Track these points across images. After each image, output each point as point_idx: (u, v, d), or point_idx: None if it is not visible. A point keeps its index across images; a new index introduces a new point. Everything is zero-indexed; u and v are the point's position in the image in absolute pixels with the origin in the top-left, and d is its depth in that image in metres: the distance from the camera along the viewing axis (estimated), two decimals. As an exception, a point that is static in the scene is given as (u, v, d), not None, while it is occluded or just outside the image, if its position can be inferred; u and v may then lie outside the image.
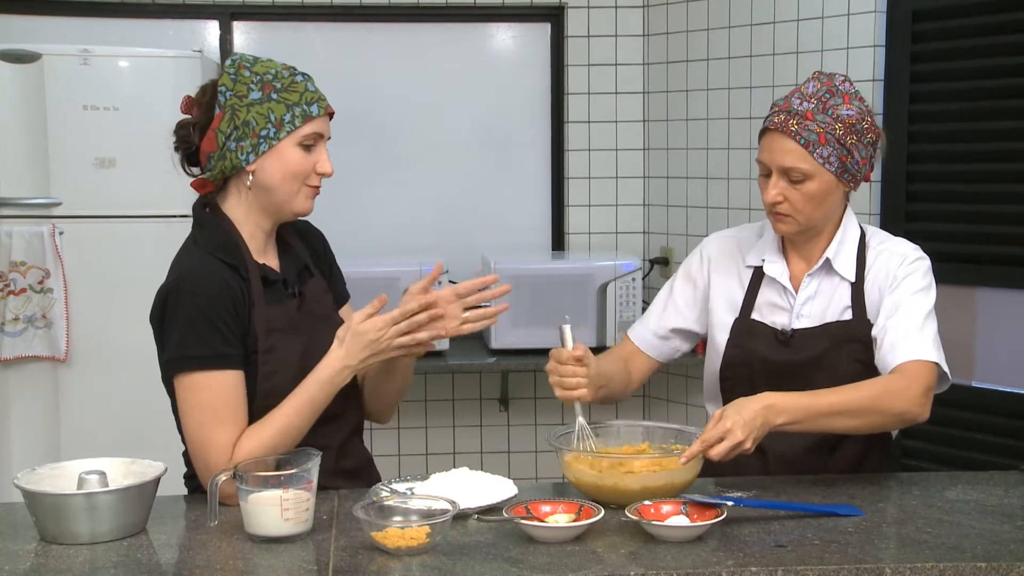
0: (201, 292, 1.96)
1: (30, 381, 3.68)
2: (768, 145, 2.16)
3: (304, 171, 2.04)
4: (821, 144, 2.10)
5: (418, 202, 4.50)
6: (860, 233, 2.26)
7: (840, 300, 2.21)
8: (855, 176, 2.17)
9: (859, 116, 2.13)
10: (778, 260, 2.26)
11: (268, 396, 2.01)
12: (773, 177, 2.15)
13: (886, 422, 2.07)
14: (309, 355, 2.04)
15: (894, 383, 2.04)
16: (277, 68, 2.06)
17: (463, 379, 4.43)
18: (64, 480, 1.87)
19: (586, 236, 4.49)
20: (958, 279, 3.46)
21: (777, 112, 2.15)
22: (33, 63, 3.61)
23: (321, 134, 2.06)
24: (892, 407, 2.02)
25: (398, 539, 1.71)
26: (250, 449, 1.95)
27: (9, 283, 3.62)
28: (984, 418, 3.42)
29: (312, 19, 4.41)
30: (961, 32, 3.43)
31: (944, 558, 1.69)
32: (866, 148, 2.15)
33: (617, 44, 4.41)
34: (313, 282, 2.17)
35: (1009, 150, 3.33)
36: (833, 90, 2.14)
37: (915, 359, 2.07)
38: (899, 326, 2.11)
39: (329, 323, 2.12)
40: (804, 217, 2.16)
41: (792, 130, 2.10)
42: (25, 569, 1.71)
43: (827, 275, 2.23)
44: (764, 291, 2.27)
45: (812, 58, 3.76)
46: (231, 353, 1.97)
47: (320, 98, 2.06)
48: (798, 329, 2.21)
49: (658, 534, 1.78)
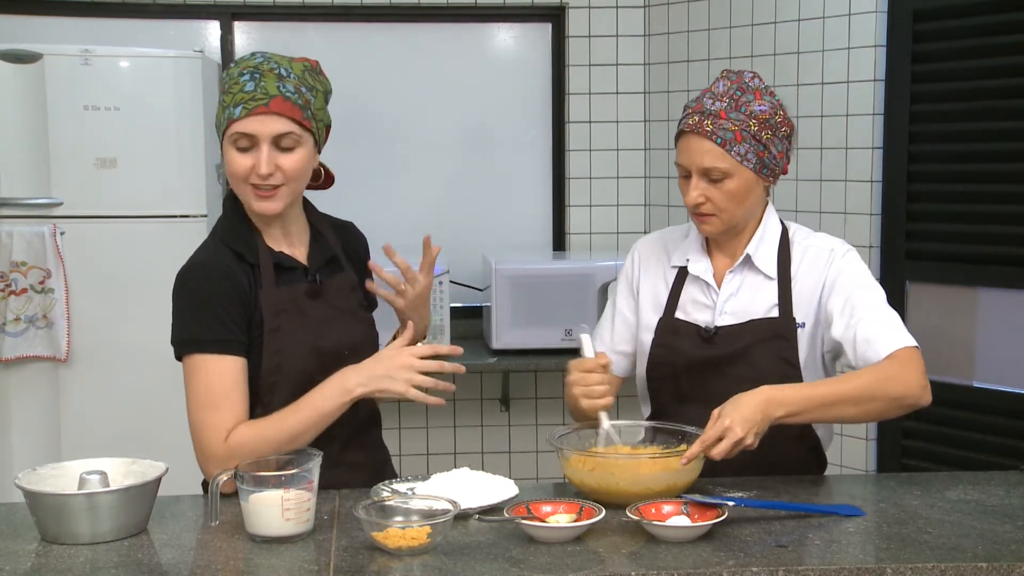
0: (205, 279, 2.02)
1: (31, 381, 3.69)
2: (685, 147, 2.16)
3: (239, 172, 2.03)
4: (737, 142, 2.10)
5: (419, 202, 4.50)
6: (782, 229, 2.26)
7: (765, 297, 2.20)
8: (773, 171, 2.17)
9: (772, 111, 2.13)
10: (702, 258, 2.26)
11: (272, 374, 2.04)
12: (693, 179, 2.15)
13: (887, 408, 2.05)
14: (318, 339, 2.07)
15: (889, 369, 2.03)
16: (237, 68, 2.04)
17: (464, 379, 4.35)
18: (65, 480, 1.87)
19: (587, 236, 4.49)
20: (959, 279, 3.47)
21: (691, 114, 2.15)
22: (34, 63, 3.61)
23: (250, 134, 2.00)
24: (891, 392, 2.01)
25: (399, 539, 1.71)
26: (245, 436, 1.97)
27: (10, 283, 3.62)
28: (985, 418, 3.42)
29: (313, 19, 4.41)
30: (962, 32, 3.43)
31: (945, 558, 1.69)
32: (781, 142, 2.16)
33: (618, 44, 4.41)
34: (341, 276, 2.18)
35: (1010, 150, 3.33)
36: (744, 87, 2.15)
37: (899, 347, 2.06)
38: (867, 320, 2.09)
39: (350, 317, 2.14)
40: (727, 215, 2.16)
41: (708, 130, 2.11)
42: (26, 569, 1.71)
43: (750, 271, 2.22)
44: (688, 289, 2.27)
45: (813, 58, 3.76)
46: (230, 339, 2.00)
47: (251, 98, 1.99)
48: (721, 326, 2.20)
49: (659, 534, 1.78)
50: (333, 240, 2.20)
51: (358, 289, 2.21)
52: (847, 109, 3.68)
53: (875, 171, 3.63)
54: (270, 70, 2.03)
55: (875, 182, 3.63)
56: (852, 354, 2.10)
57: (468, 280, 4.39)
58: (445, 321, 3.94)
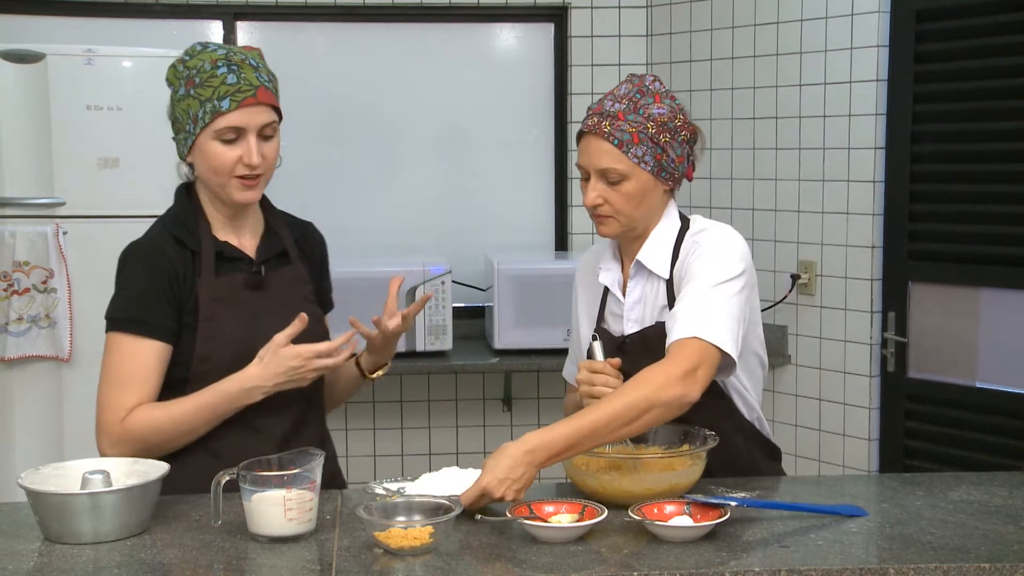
0: (140, 262, 2.07)
1: (34, 381, 3.69)
2: (585, 148, 2.15)
3: (225, 164, 2.04)
4: (635, 144, 2.09)
5: (421, 202, 4.50)
6: (680, 228, 2.21)
7: (659, 299, 2.18)
8: (672, 175, 2.14)
9: (671, 114, 2.13)
10: (613, 267, 2.25)
11: (203, 362, 2.06)
12: (592, 180, 2.14)
13: (663, 414, 1.95)
14: (253, 329, 2.07)
15: (650, 375, 1.96)
16: (205, 61, 2.04)
17: (466, 379, 4.43)
18: (68, 480, 1.87)
19: (589, 236, 4.49)
20: (961, 279, 3.46)
21: (591, 115, 2.15)
22: (37, 63, 3.61)
23: (239, 127, 2.02)
24: (660, 397, 1.93)
25: (401, 539, 1.71)
26: (139, 421, 2.01)
27: (13, 283, 3.62)
28: (987, 419, 3.41)
29: (315, 19, 4.41)
30: (965, 32, 3.43)
31: (947, 559, 1.69)
32: (681, 146, 2.14)
33: (620, 44, 4.41)
34: (289, 269, 2.18)
35: (1013, 150, 3.33)
36: (644, 90, 2.15)
37: (679, 338, 2.00)
38: (684, 298, 2.06)
39: (292, 310, 2.09)
40: (625, 218, 2.14)
41: (605, 131, 2.10)
42: (28, 569, 1.71)
43: (648, 277, 2.20)
44: (608, 300, 2.27)
45: (815, 58, 3.76)
46: (153, 323, 2.03)
47: (238, 90, 2.01)
48: (629, 335, 2.20)
49: (661, 534, 1.78)
50: (286, 236, 2.21)
51: (308, 284, 2.21)
52: (850, 109, 3.68)
53: (877, 171, 3.63)
54: (242, 61, 2.05)
55: (877, 182, 3.63)
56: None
57: (470, 280, 4.39)
58: (447, 321, 3.94)
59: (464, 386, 4.45)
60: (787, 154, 3.89)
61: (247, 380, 2.02)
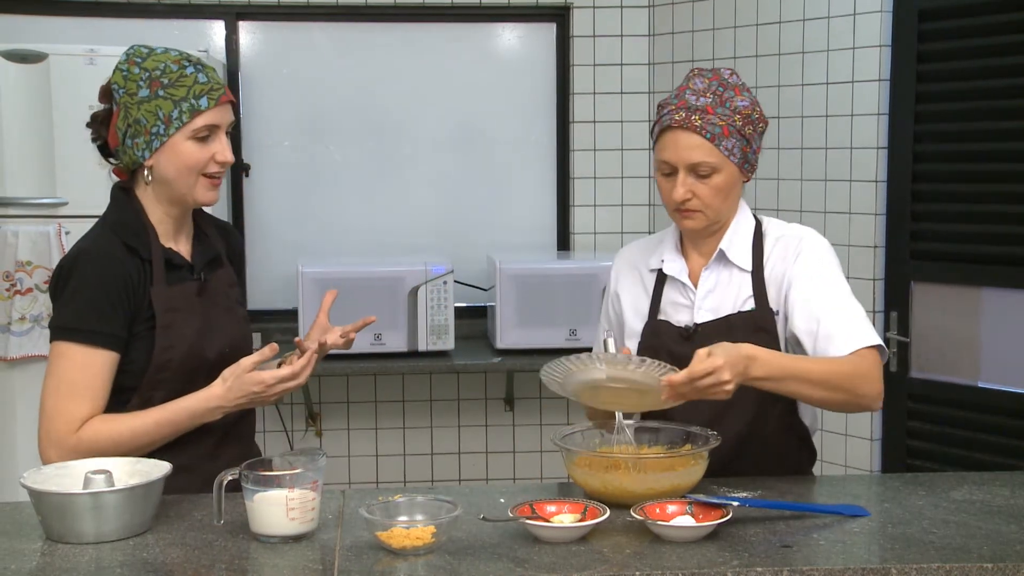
0: (93, 270, 2.02)
1: (36, 381, 3.65)
2: (672, 143, 2.14)
3: (199, 163, 2.05)
4: (725, 136, 2.11)
5: (423, 202, 4.50)
6: (756, 223, 2.25)
7: (741, 291, 2.20)
8: (753, 166, 2.19)
9: (752, 106, 2.15)
10: (677, 259, 2.27)
11: (161, 370, 2.05)
12: (680, 175, 2.14)
13: (847, 401, 2.04)
14: (205, 337, 2.09)
15: (862, 367, 2.03)
16: (167, 62, 2.04)
17: (468, 379, 4.43)
18: (70, 479, 1.87)
19: (591, 236, 4.49)
20: (964, 279, 3.46)
21: (675, 110, 2.14)
22: (39, 63, 3.61)
23: (215, 125, 2.05)
24: (859, 389, 2.02)
25: (403, 539, 1.71)
26: (97, 433, 1.99)
27: (15, 283, 3.62)
28: (990, 418, 3.41)
29: (317, 19, 4.41)
30: (967, 32, 3.43)
31: (950, 559, 1.69)
32: (760, 138, 2.18)
33: (622, 44, 4.41)
34: (222, 272, 2.21)
35: (1016, 150, 3.33)
36: (724, 83, 2.16)
37: (862, 346, 2.05)
38: (830, 316, 2.09)
39: (231, 314, 2.17)
40: (713, 211, 2.16)
41: (696, 125, 2.11)
42: (31, 568, 1.71)
43: (725, 267, 2.22)
44: (667, 292, 2.27)
45: (818, 58, 3.76)
46: (107, 333, 2.01)
47: (211, 88, 2.04)
48: (701, 324, 2.20)
49: (663, 534, 1.78)
50: (214, 236, 2.23)
51: (236, 286, 2.25)
52: (852, 109, 3.68)
53: (880, 171, 3.63)
54: (198, 60, 2.07)
55: (880, 182, 3.63)
56: (811, 349, 2.09)
57: (472, 280, 4.39)
58: (449, 321, 3.94)
59: (466, 386, 4.45)
60: (789, 154, 3.88)
61: (211, 400, 2.04)
